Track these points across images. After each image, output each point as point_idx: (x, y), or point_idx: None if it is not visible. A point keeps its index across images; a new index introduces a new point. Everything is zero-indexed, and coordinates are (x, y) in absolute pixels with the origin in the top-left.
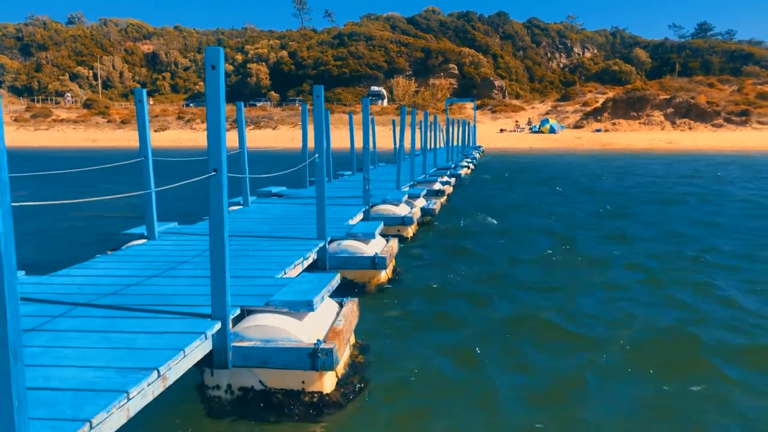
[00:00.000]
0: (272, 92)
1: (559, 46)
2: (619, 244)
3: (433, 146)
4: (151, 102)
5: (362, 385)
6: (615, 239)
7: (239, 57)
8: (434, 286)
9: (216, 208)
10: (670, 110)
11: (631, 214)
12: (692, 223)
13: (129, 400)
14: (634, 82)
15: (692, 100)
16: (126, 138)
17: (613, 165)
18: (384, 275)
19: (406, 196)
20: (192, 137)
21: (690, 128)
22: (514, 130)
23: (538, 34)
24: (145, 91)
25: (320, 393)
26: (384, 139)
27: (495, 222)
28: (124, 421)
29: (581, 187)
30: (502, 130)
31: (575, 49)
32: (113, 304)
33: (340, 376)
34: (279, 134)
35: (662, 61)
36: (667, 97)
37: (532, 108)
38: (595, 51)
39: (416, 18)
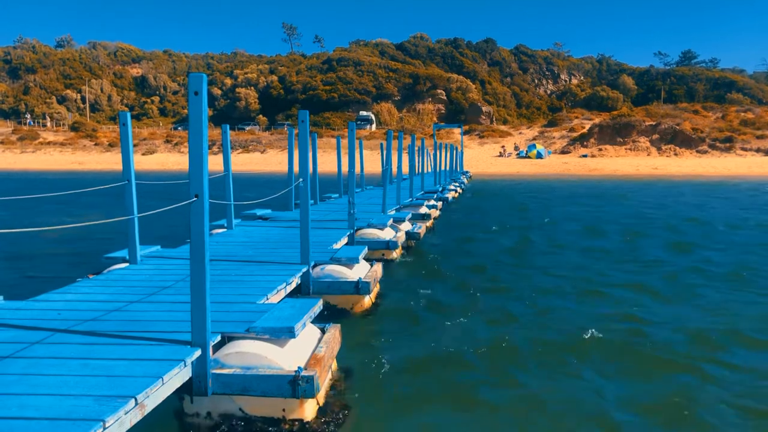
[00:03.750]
0: (261, 116)
1: (546, 73)
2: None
3: (420, 170)
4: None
5: (344, 412)
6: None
7: (228, 81)
8: (418, 311)
9: (197, 234)
10: (655, 136)
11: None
12: None
13: (105, 429)
14: (620, 108)
15: (677, 127)
16: (114, 161)
17: (609, 192)
18: (368, 300)
19: (391, 220)
20: (180, 160)
21: (675, 154)
22: (501, 155)
23: (526, 60)
24: (129, 114)
25: (301, 421)
26: (372, 162)
27: (480, 245)
28: None
29: (580, 219)
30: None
31: (562, 76)
32: (93, 330)
33: (321, 403)
34: (267, 158)
35: (648, 88)
36: (653, 123)
37: (520, 133)
38: (582, 78)
39: (405, 44)
